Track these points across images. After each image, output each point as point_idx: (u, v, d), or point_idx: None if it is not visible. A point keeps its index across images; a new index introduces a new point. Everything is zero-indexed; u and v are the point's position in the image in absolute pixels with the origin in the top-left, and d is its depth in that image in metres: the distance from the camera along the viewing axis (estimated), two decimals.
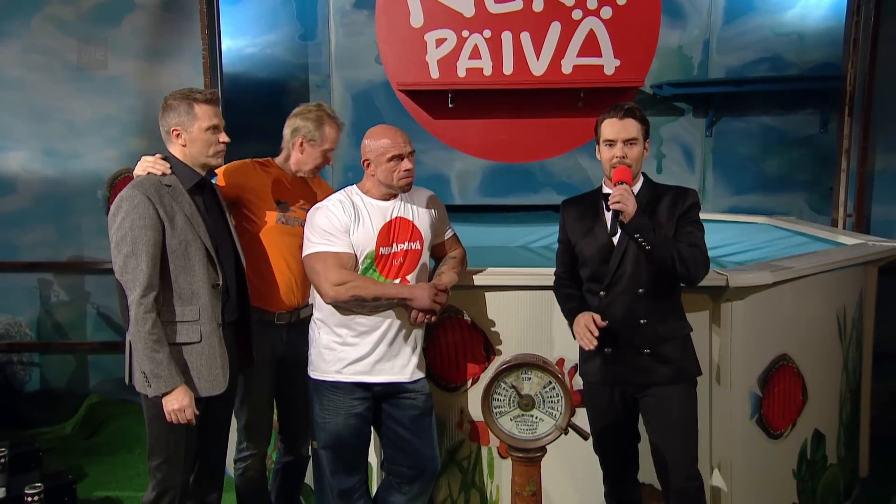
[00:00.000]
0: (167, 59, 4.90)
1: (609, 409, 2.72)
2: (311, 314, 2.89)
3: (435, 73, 5.81)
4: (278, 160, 3.03)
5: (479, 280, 3.06)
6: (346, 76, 5.84)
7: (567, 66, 5.80)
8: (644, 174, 2.70)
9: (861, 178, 4.72)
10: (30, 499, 2.94)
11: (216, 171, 2.88)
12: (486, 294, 3.08)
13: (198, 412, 2.52)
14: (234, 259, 2.74)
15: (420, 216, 2.85)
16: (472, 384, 3.12)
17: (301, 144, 2.96)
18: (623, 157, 2.60)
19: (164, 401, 2.47)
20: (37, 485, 2.98)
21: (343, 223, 2.71)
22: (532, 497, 2.32)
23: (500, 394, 2.31)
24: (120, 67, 4.86)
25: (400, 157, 2.74)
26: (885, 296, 4.13)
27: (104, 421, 4.74)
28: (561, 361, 3.06)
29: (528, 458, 2.33)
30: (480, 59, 5.84)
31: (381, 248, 2.75)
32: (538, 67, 5.83)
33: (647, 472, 3.13)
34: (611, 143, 2.64)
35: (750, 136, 5.74)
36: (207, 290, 2.56)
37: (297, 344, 2.95)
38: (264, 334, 2.91)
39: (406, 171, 2.76)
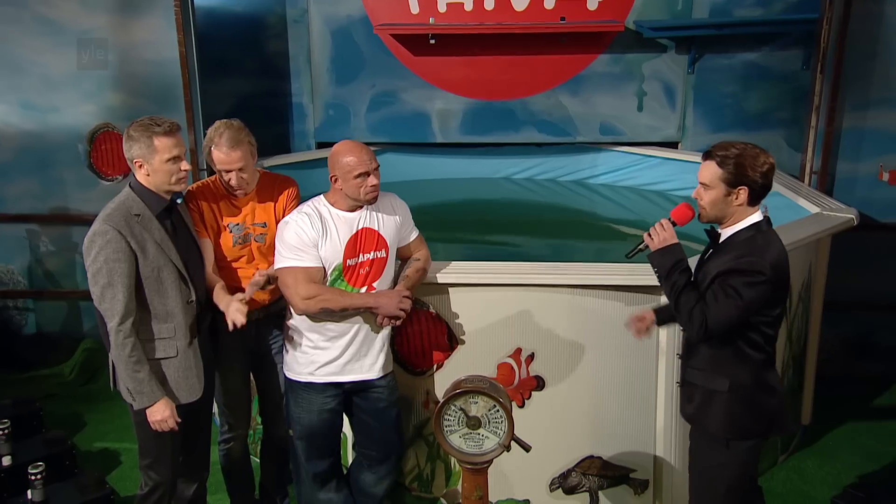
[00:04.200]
0: (140, 13, 4.89)
1: None
2: (282, 307, 3.17)
3: (415, 9, 5.85)
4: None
5: (442, 278, 3.32)
6: (324, 11, 5.81)
7: (549, 1, 5.84)
8: (759, 223, 2.59)
9: (828, 137, 4.89)
10: (33, 477, 3.32)
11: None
12: (450, 289, 3.36)
13: (179, 419, 2.85)
14: (203, 271, 2.99)
15: (385, 224, 3.09)
16: (437, 369, 3.45)
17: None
18: (697, 199, 2.61)
19: (148, 412, 2.80)
20: (39, 464, 3.36)
21: (311, 238, 2.94)
22: (479, 500, 2.71)
23: (450, 415, 2.64)
24: (92, 21, 4.89)
25: (366, 174, 2.94)
26: (838, 247, 4.38)
27: (101, 367, 5.12)
28: (518, 351, 3.39)
29: (476, 468, 2.70)
30: None
31: (348, 260, 2.99)
32: (520, 2, 5.87)
33: (596, 447, 3.55)
34: None
35: (732, 72, 5.79)
36: (181, 307, 2.84)
37: (266, 337, 3.25)
38: (235, 330, 3.20)
39: (372, 186, 2.96)
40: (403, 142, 6.08)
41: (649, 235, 2.66)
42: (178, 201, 2.92)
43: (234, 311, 2.89)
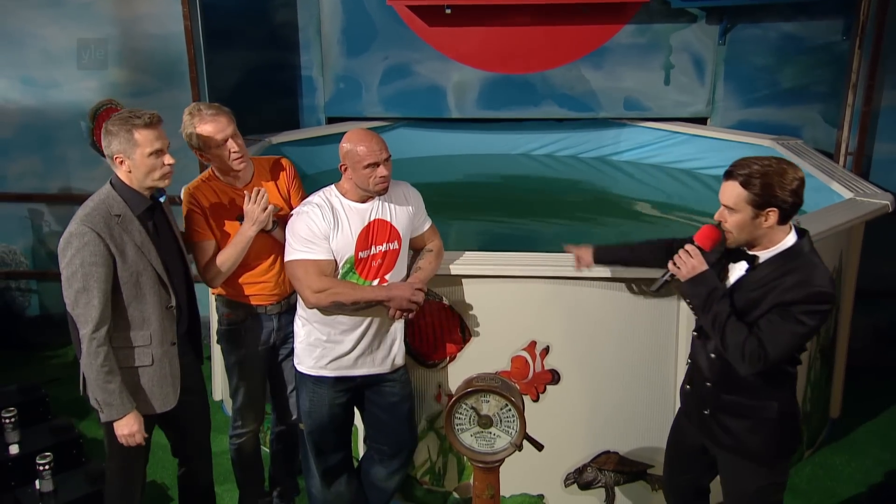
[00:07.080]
0: None
1: (680, 441, 2.95)
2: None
3: None
4: (217, 171, 3.21)
5: (455, 269, 3.41)
6: None
7: None
8: (801, 244, 2.53)
9: (864, 118, 4.88)
10: (41, 468, 3.47)
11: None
12: (464, 281, 3.45)
13: (147, 434, 2.90)
14: (183, 273, 3.03)
15: (398, 215, 3.17)
16: (449, 361, 3.56)
17: (201, 154, 3.16)
18: (720, 222, 2.55)
19: (116, 426, 2.83)
20: (46, 454, 3.52)
21: (323, 231, 3.03)
22: (490, 499, 2.83)
23: (461, 413, 2.75)
24: None
25: (376, 165, 3.02)
26: (872, 232, 4.40)
27: None
28: (533, 344, 3.48)
29: (487, 466, 2.82)
30: None
31: (360, 253, 3.08)
32: None
33: (612, 442, 3.66)
34: None
35: (766, 43, 5.76)
36: (159, 313, 2.86)
37: (285, 329, 3.36)
38: (258, 327, 3.31)
39: (382, 177, 3.04)
40: (417, 116, 6.13)
41: (675, 264, 2.60)
42: (162, 199, 2.93)
43: (257, 209, 3.06)
